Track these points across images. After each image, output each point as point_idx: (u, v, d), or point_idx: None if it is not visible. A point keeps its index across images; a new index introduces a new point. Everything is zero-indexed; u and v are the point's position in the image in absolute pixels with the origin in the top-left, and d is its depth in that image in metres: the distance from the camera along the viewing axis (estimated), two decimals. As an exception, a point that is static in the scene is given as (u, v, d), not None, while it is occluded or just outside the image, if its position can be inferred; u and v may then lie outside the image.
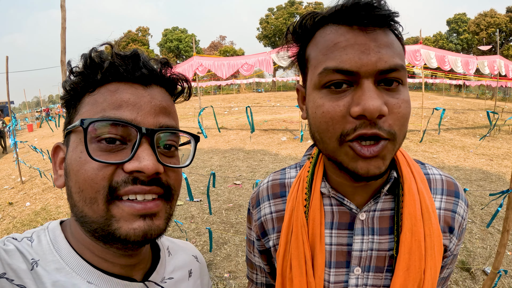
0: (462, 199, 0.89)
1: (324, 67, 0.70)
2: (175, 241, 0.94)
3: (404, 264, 0.78)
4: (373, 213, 0.84)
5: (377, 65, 0.66)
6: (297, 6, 62.80)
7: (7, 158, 13.76)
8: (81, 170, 0.60)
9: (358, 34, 0.68)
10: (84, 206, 0.61)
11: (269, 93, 44.40)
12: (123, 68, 0.64)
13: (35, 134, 22.58)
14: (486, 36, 52.04)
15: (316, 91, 0.73)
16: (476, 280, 3.81)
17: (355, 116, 0.66)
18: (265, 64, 13.15)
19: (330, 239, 0.86)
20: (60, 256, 0.64)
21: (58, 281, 0.61)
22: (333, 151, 0.72)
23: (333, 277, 0.85)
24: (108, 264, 0.68)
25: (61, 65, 3.98)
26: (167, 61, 0.72)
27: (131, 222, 0.60)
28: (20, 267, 0.58)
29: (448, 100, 30.22)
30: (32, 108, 42.47)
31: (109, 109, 0.61)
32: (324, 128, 0.71)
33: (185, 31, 68.36)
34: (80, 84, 0.65)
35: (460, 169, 8.60)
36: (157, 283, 0.76)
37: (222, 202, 6.67)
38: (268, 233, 0.99)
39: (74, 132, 0.64)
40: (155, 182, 0.63)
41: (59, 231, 0.69)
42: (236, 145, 12.54)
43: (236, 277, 4.02)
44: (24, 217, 6.62)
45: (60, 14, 3.97)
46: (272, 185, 1.01)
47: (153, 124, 0.64)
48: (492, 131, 13.65)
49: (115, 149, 0.61)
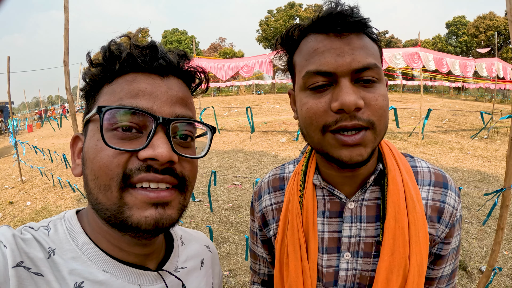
0: (452, 190, 0.94)
1: (307, 71, 0.79)
2: (188, 231, 0.96)
3: (389, 249, 0.85)
4: (361, 202, 0.92)
5: (352, 65, 0.75)
6: (296, 8, 62.83)
7: (7, 158, 13.76)
8: (96, 157, 0.61)
9: (333, 40, 0.78)
10: (98, 193, 0.62)
11: (269, 95, 44.40)
12: (140, 59, 0.65)
13: (35, 134, 22.60)
14: (485, 38, 52.17)
15: (302, 92, 0.83)
16: (472, 279, 3.85)
17: (335, 110, 0.75)
18: (264, 66, 13.20)
19: (322, 227, 0.94)
20: (77, 245, 0.65)
21: (74, 269, 0.62)
22: (318, 142, 0.81)
23: (325, 262, 0.93)
24: (123, 253, 0.69)
25: (64, 65, 4.02)
26: (185, 53, 0.73)
27: (143, 210, 0.61)
28: (37, 255, 0.59)
29: (447, 102, 30.25)
30: (32, 109, 42.36)
31: (126, 98, 0.62)
32: (309, 122, 0.81)
33: (185, 32, 68.29)
34: (99, 75, 0.66)
35: (457, 170, 8.64)
36: (171, 272, 0.77)
37: (221, 202, 6.71)
38: (269, 223, 1.07)
39: (92, 121, 0.66)
40: (169, 171, 0.63)
41: (75, 221, 0.70)
42: (236, 146, 12.56)
43: (235, 275, 4.07)
44: (24, 216, 6.63)
45: (63, 15, 4.00)
46: (273, 179, 1.10)
47: (169, 114, 0.64)
48: (490, 133, 13.71)
49: (130, 137, 0.62)
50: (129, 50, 0.65)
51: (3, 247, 0.56)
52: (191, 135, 0.71)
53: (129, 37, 0.68)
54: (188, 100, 0.71)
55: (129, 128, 0.62)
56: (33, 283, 0.56)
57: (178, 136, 0.68)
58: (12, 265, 0.54)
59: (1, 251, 0.55)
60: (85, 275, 0.62)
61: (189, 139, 0.70)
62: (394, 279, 0.84)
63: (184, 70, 0.72)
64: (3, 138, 23.26)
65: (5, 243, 0.56)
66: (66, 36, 3.98)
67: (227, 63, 14.30)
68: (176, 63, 0.70)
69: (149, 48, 0.67)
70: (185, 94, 0.71)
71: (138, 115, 0.62)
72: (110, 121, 0.61)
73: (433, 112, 18.72)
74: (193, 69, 0.74)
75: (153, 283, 0.72)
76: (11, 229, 0.61)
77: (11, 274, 0.53)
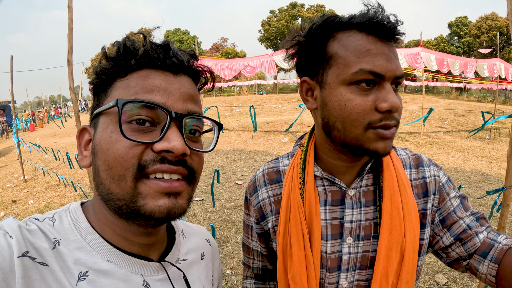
0: (427, 165, 1.05)
1: (360, 68, 0.83)
2: (189, 225, 0.98)
3: (387, 228, 0.95)
4: (359, 189, 1.01)
5: (396, 72, 0.84)
6: (298, 9, 62.80)
7: (9, 157, 13.82)
8: (111, 148, 0.63)
9: (384, 45, 0.85)
10: (111, 184, 0.64)
11: (271, 95, 44.33)
12: (155, 56, 0.68)
13: (37, 133, 22.65)
14: (487, 39, 52.04)
15: (344, 86, 0.86)
16: (473, 279, 3.86)
17: (383, 110, 0.83)
18: (267, 66, 13.21)
19: (325, 215, 1.00)
20: (81, 235, 0.67)
21: (79, 259, 0.64)
22: (357, 136, 0.87)
23: (329, 248, 0.99)
24: (128, 243, 0.71)
25: (68, 64, 4.06)
26: (194, 53, 0.76)
27: (157, 199, 0.63)
28: (42, 246, 0.61)
29: (449, 103, 30.18)
30: (34, 108, 42.47)
31: (142, 93, 0.65)
32: (354, 118, 0.85)
33: (187, 32, 68.35)
34: (112, 69, 0.68)
35: (459, 171, 8.65)
36: (173, 263, 0.79)
37: (224, 201, 6.75)
38: (266, 216, 1.11)
39: (104, 114, 0.67)
40: (181, 163, 0.66)
41: (80, 212, 0.71)
42: (238, 146, 12.61)
43: (238, 273, 4.09)
44: (27, 214, 6.67)
45: (67, 14, 4.03)
46: (268, 172, 1.14)
47: (182, 109, 0.67)
48: (492, 134, 13.70)
49: (145, 130, 0.64)
50: (144, 47, 0.68)
51: (8, 238, 0.58)
52: (199, 130, 0.74)
53: (144, 35, 0.70)
54: (197, 97, 0.74)
55: (143, 121, 0.64)
56: (38, 273, 0.58)
57: (188, 130, 0.71)
58: (17, 255, 0.56)
59: (6, 242, 0.57)
60: (90, 264, 0.65)
61: (197, 134, 0.74)
62: (393, 255, 0.94)
63: (193, 69, 0.75)
64: (5, 137, 23.36)
65: (10, 234, 0.58)
66: (70, 36, 4.00)
67: (230, 63, 14.31)
68: (187, 62, 0.73)
69: (163, 47, 0.69)
70: (195, 91, 0.74)
71: (153, 109, 0.65)
72: (126, 114, 0.64)
73: (435, 112, 18.70)
74: (201, 68, 0.77)
75: (155, 273, 0.74)
76: (16, 220, 0.62)
77: (17, 264, 0.55)
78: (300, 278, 0.98)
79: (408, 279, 0.95)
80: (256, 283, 1.31)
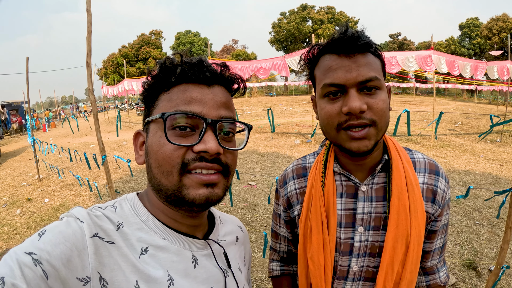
0: (442, 177, 1.18)
1: (324, 83, 1.03)
2: (223, 214, 1.13)
3: (394, 222, 1.08)
4: (371, 186, 1.15)
5: (357, 78, 0.98)
6: (309, 11, 62.78)
7: (23, 156, 14.05)
8: (160, 150, 0.77)
9: (344, 59, 1.00)
10: (161, 178, 0.78)
11: (281, 97, 44.35)
12: (191, 72, 0.80)
13: (50, 134, 22.99)
14: (498, 40, 51.52)
15: (321, 99, 1.06)
16: (482, 279, 3.91)
17: (345, 113, 0.98)
18: (279, 68, 13.24)
19: (341, 205, 1.16)
20: (140, 219, 0.81)
21: (140, 237, 0.77)
22: (334, 137, 1.05)
23: (343, 234, 1.16)
24: (178, 224, 0.85)
25: (87, 66, 4.16)
26: (225, 64, 0.89)
27: (197, 189, 0.77)
28: (109, 227, 0.74)
29: (460, 105, 29.99)
30: (47, 108, 42.97)
31: (182, 104, 0.78)
32: (327, 122, 1.04)
33: (197, 34, 68.70)
34: (157, 85, 0.83)
35: (470, 173, 8.63)
36: (215, 241, 0.93)
37: (237, 201, 6.88)
38: (293, 205, 1.29)
39: (153, 122, 0.81)
40: (216, 161, 0.79)
41: (137, 200, 0.86)
42: (250, 148, 12.71)
43: (252, 271, 4.18)
44: (43, 212, 6.83)
45: (86, 18, 4.14)
46: (296, 168, 1.33)
47: (215, 116, 0.80)
48: (503, 137, 13.61)
49: (186, 134, 0.77)
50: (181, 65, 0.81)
51: (79, 223, 0.70)
52: (232, 131, 0.86)
53: (181, 55, 0.84)
54: (230, 103, 0.87)
55: (184, 127, 0.78)
56: (106, 250, 0.71)
57: (223, 132, 0.83)
58: (89, 236, 0.69)
59: (78, 226, 0.69)
60: (149, 241, 0.78)
61: (230, 135, 0.86)
62: (399, 247, 1.07)
63: (225, 78, 0.87)
64: (19, 137, 23.69)
65: (81, 219, 0.71)
66: (89, 39, 4.09)
67: (242, 65, 14.33)
68: (219, 73, 0.85)
69: (197, 64, 0.82)
70: (227, 98, 0.86)
71: (192, 118, 0.78)
72: (170, 123, 0.77)
73: (446, 115, 18.60)
74: (233, 76, 0.89)
75: (201, 249, 0.88)
76: (83, 209, 0.76)
77: (89, 243, 0.68)
78: (318, 258, 1.15)
79: (412, 269, 1.09)
80: (281, 265, 1.48)
